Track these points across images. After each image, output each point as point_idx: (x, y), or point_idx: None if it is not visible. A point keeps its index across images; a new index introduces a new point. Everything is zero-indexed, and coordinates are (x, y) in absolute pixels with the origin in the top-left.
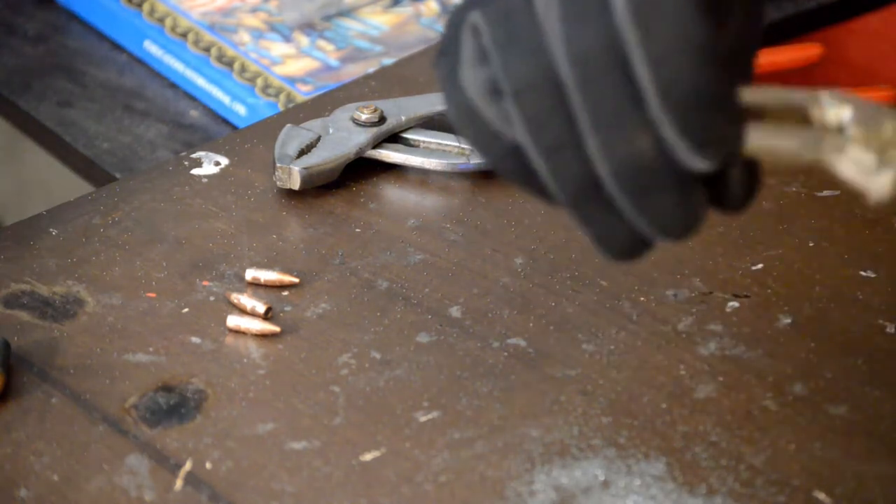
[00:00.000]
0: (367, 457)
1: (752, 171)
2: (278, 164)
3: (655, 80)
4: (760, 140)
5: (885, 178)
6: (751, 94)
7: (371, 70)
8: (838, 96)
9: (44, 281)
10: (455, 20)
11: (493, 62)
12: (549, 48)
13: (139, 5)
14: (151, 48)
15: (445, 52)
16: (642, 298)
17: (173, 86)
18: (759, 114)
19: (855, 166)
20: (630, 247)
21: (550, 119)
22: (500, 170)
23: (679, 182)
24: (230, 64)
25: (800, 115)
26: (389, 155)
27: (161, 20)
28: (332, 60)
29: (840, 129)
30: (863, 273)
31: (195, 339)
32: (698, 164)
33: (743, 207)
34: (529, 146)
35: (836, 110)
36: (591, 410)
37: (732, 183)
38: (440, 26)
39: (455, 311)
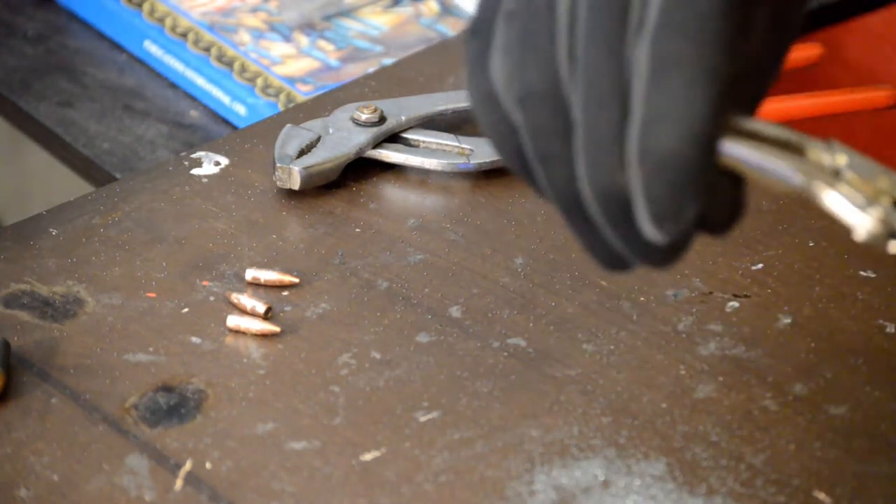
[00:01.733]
0: (367, 457)
1: (737, 196)
2: (278, 164)
3: (642, 134)
4: (753, 159)
5: (873, 213)
6: (750, 124)
7: (371, 70)
8: (838, 146)
9: (44, 281)
10: (491, 2)
11: (511, 59)
12: (561, 61)
13: (139, 5)
14: (151, 48)
15: (477, 34)
16: (642, 298)
17: (173, 86)
18: (755, 138)
19: (843, 200)
20: (615, 263)
21: (548, 129)
22: (508, 162)
23: None
24: (230, 64)
25: (796, 151)
26: (389, 155)
27: (161, 20)
28: (332, 60)
29: (835, 172)
30: (863, 273)
31: (195, 339)
32: (650, 231)
33: (726, 231)
34: (528, 150)
35: (832, 156)
36: (591, 410)
37: (716, 207)
38: (440, 26)
39: (455, 311)
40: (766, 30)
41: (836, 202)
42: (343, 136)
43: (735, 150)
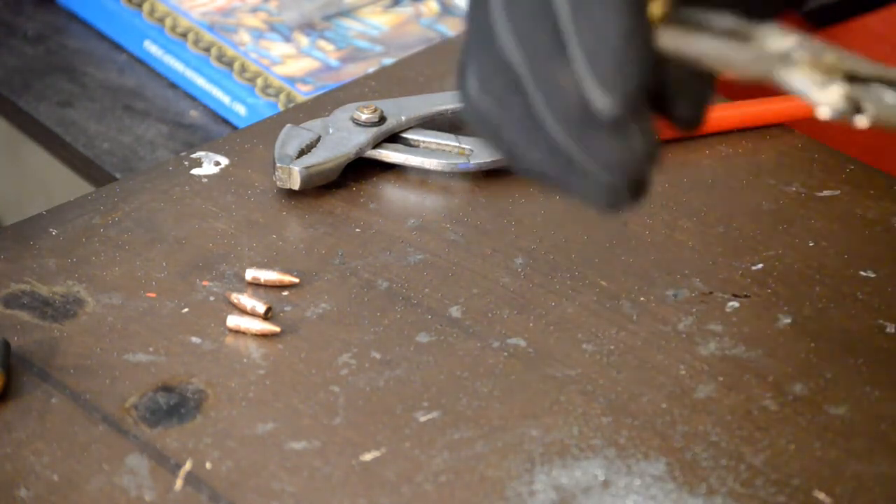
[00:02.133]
0: (367, 457)
1: (704, 90)
2: (278, 164)
3: (576, 23)
4: (708, 49)
5: (835, 90)
6: (697, 15)
7: (371, 70)
8: (783, 29)
9: (44, 281)
10: (464, 44)
11: (472, 66)
12: (500, 36)
13: (139, 5)
14: (151, 48)
15: (460, 75)
16: (642, 298)
17: (173, 86)
18: (704, 29)
19: (804, 82)
20: (610, 194)
21: (510, 101)
22: (506, 159)
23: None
24: (230, 64)
25: (744, 38)
26: (389, 155)
27: (161, 20)
28: (332, 60)
29: (784, 56)
30: (863, 273)
31: (195, 339)
32: (602, 101)
33: (694, 125)
34: (501, 121)
35: (780, 39)
36: (591, 410)
37: (682, 99)
38: (440, 26)
39: (455, 311)
40: None
41: (796, 82)
42: (343, 136)
43: (686, 43)
